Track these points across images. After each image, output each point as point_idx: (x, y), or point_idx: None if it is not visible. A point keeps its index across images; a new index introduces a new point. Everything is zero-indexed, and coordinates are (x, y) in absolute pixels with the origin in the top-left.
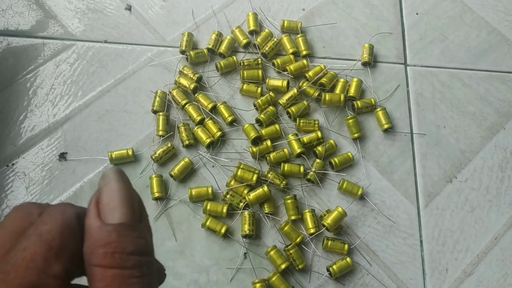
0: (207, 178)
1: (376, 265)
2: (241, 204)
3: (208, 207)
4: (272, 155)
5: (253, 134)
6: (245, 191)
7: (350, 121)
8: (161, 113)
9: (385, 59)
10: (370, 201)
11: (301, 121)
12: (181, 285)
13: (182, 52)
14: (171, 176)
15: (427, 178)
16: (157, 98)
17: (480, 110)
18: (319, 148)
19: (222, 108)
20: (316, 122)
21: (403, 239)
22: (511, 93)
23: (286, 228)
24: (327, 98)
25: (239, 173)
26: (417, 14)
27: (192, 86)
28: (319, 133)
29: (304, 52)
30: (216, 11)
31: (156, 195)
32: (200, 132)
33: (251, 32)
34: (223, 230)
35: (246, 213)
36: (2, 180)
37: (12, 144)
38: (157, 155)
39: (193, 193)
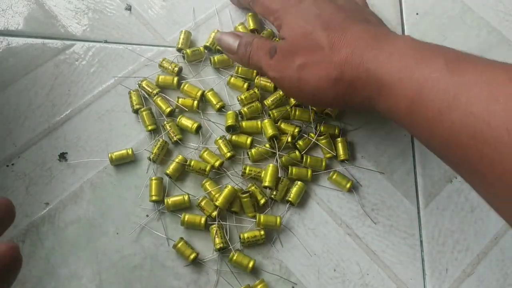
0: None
1: (376, 265)
2: (214, 213)
3: (186, 219)
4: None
5: (230, 122)
6: (216, 195)
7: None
8: (142, 109)
9: None
10: (371, 201)
11: (282, 124)
12: (181, 285)
13: (179, 50)
14: (167, 175)
15: (427, 178)
16: (133, 97)
17: None
18: (300, 142)
19: (210, 95)
20: (297, 129)
21: (403, 239)
22: None
23: (234, 258)
24: (297, 113)
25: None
26: (417, 14)
27: (175, 80)
28: (296, 130)
29: None
30: (217, 11)
31: (154, 198)
32: (184, 121)
33: (252, 31)
34: (192, 257)
35: (212, 228)
36: (2, 180)
37: (12, 144)
38: (154, 153)
39: (170, 202)
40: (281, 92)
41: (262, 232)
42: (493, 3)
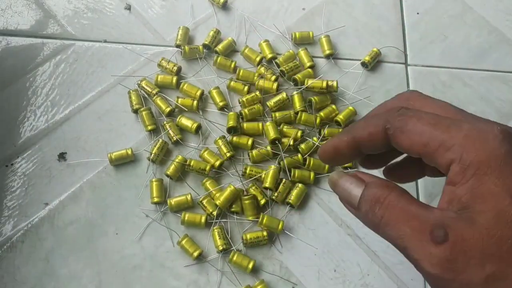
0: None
1: (376, 265)
2: (214, 212)
3: (186, 218)
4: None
5: (231, 122)
6: (217, 194)
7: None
8: (142, 109)
9: (386, 59)
10: None
11: (285, 126)
12: (181, 285)
13: (178, 46)
14: (167, 175)
15: (427, 178)
16: (132, 97)
17: (481, 110)
18: (302, 145)
19: (214, 93)
20: (300, 132)
21: None
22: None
23: (234, 258)
24: (303, 117)
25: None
26: (417, 13)
27: (174, 80)
28: (299, 133)
29: (328, 52)
30: (215, 12)
31: (155, 200)
32: (183, 121)
33: (270, 60)
34: (195, 254)
35: (214, 229)
36: (2, 180)
37: (12, 144)
38: (153, 154)
39: (173, 203)
40: (284, 95)
41: (265, 234)
42: (493, 3)
